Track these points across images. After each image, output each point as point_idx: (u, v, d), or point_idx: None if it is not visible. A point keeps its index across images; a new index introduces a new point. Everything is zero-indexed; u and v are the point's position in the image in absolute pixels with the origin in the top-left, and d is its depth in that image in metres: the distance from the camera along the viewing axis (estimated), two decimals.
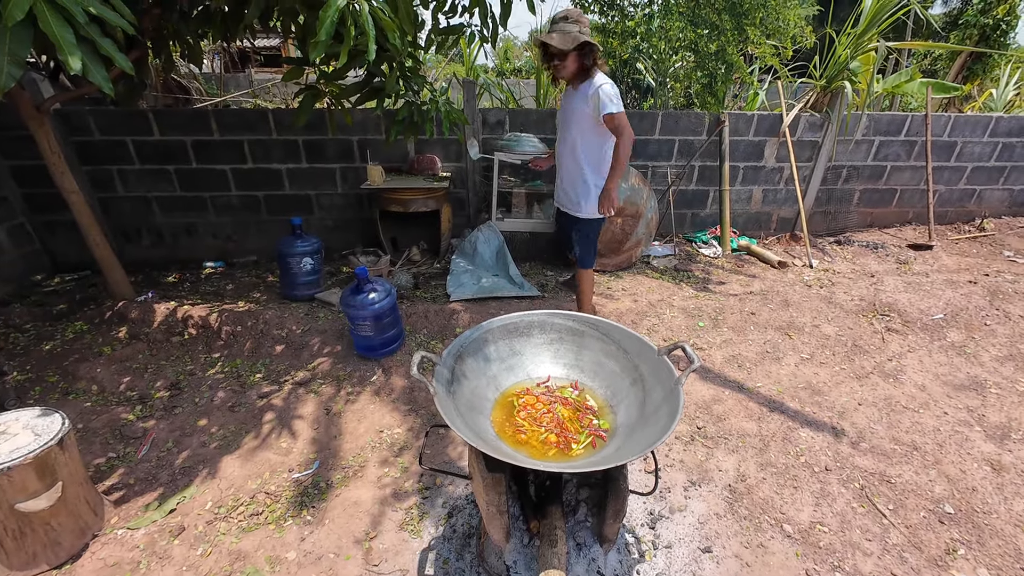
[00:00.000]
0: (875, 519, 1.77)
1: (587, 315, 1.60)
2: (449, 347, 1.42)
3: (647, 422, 1.25)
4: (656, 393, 1.31)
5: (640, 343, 1.45)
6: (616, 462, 1.02)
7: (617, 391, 1.45)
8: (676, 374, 1.29)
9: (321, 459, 2.06)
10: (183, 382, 2.53)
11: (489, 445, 1.07)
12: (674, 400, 1.21)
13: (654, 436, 1.13)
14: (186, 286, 3.62)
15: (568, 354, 1.59)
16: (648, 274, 3.84)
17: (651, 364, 1.39)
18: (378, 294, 2.47)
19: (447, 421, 1.11)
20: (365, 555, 1.65)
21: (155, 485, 1.95)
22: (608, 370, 1.51)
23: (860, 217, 5.02)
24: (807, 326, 3.07)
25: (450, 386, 1.32)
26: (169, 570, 1.62)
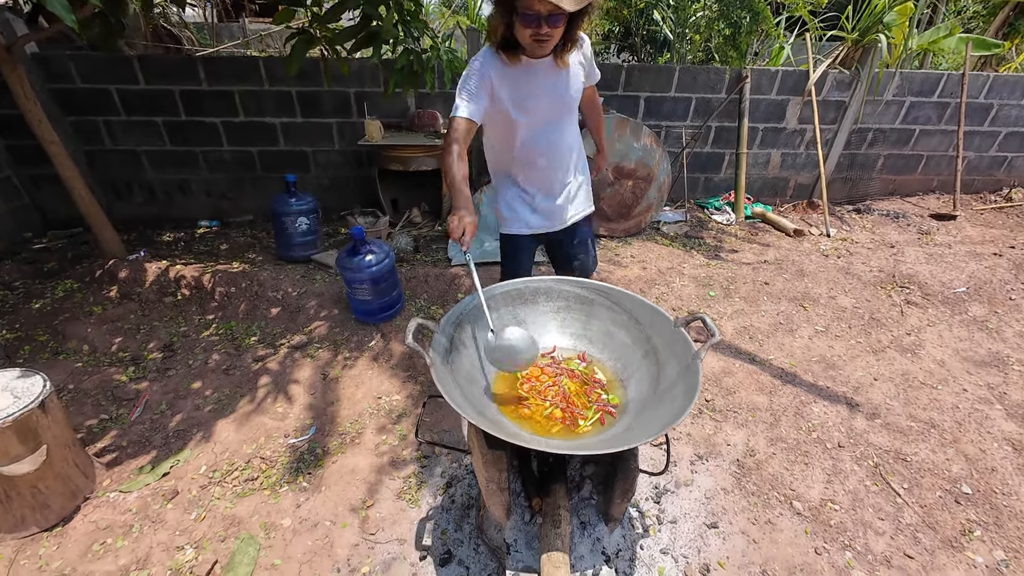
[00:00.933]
0: (889, 498, 1.71)
1: (597, 282, 1.48)
2: (448, 314, 1.32)
3: (661, 399, 1.15)
4: (671, 368, 1.21)
5: (654, 313, 1.34)
6: (627, 444, 0.93)
7: (628, 364, 1.35)
8: (694, 348, 1.19)
9: (318, 425, 2.01)
10: (176, 343, 2.46)
11: (490, 422, 0.98)
12: (691, 377, 1.11)
13: (669, 416, 1.04)
14: (180, 245, 3.51)
15: (575, 323, 1.49)
16: (658, 241, 3.69)
17: (666, 336, 1.29)
18: (375, 256, 2.35)
19: (444, 394, 1.02)
20: (362, 523, 1.62)
21: (148, 448, 1.90)
22: (618, 341, 1.40)
23: (882, 184, 4.79)
24: (823, 297, 2.95)
25: (448, 356, 1.22)
26: (162, 534, 1.58)
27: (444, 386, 1.05)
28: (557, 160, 1.66)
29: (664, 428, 0.96)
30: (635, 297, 1.40)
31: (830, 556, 1.53)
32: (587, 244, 1.88)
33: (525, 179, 1.68)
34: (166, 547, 1.55)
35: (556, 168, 1.67)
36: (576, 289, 1.49)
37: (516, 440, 0.91)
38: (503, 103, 1.48)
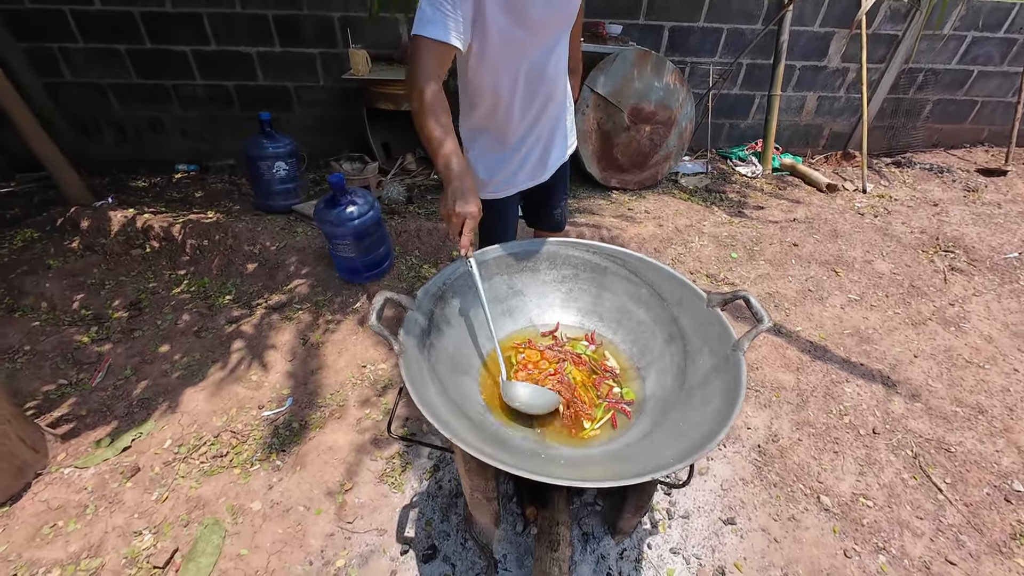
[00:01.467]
0: (929, 494, 1.53)
1: (612, 247, 1.21)
2: (427, 285, 1.07)
3: (690, 399, 0.92)
4: (703, 359, 0.97)
5: (682, 287, 1.09)
6: (646, 472, 0.70)
7: (647, 349, 1.11)
8: (734, 336, 0.94)
9: (295, 396, 1.83)
10: (144, 301, 2.25)
11: (471, 441, 0.75)
12: (730, 373, 0.87)
13: (703, 424, 0.81)
14: (156, 192, 3.22)
15: (584, 296, 1.23)
16: (675, 195, 3.35)
17: (697, 317, 1.04)
18: (358, 207, 2.07)
19: (415, 399, 0.79)
20: (338, 510, 1.46)
21: (109, 418, 1.74)
22: (635, 320, 1.16)
23: (926, 134, 4.33)
24: (857, 261, 2.66)
25: (425, 339, 0.99)
26: (119, 516, 1.44)
27: (416, 386, 0.82)
28: (554, 91, 1.26)
29: (699, 450, 0.73)
30: (658, 266, 1.14)
31: (861, 560, 1.36)
32: (567, 185, 1.60)
33: (517, 127, 1.25)
34: (122, 532, 1.40)
35: (554, 104, 1.28)
36: (586, 254, 1.22)
37: (503, 465, 0.68)
38: (495, 14, 1.03)
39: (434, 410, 0.79)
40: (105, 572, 1.31)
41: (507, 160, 1.32)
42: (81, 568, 1.31)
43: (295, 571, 1.32)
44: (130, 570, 1.31)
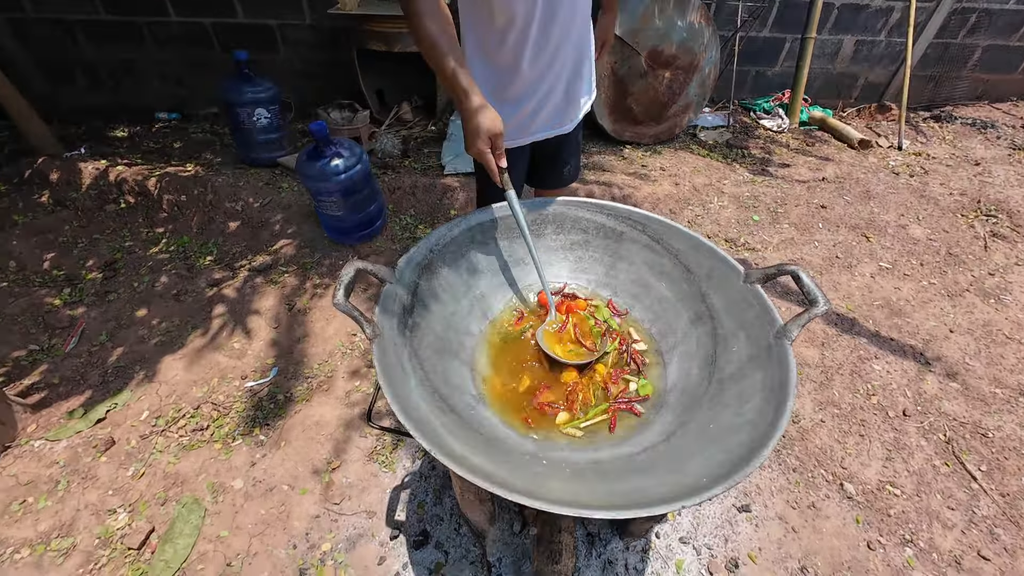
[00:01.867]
0: (962, 482, 1.41)
1: (631, 208, 1.03)
2: (411, 252, 0.90)
3: (720, 393, 0.77)
4: (738, 346, 0.81)
5: (715, 259, 0.91)
6: (674, 492, 0.56)
7: (668, 330, 0.96)
8: (778, 320, 0.78)
9: (280, 366, 1.71)
10: (120, 262, 2.10)
11: (455, 450, 0.61)
12: (775, 365, 0.72)
13: (741, 433, 0.66)
14: (132, 142, 2.99)
15: (596, 266, 1.07)
16: (694, 150, 3.09)
17: (731, 295, 0.87)
18: (344, 161, 1.87)
19: (387, 395, 0.64)
20: (324, 490, 1.36)
21: (83, 387, 1.63)
22: (656, 296, 0.99)
23: (970, 85, 3.96)
24: (890, 226, 2.45)
25: (407, 317, 0.83)
26: (92, 493, 1.35)
27: (392, 379, 0.67)
28: (578, 18, 1.05)
29: (738, 467, 0.58)
30: (685, 232, 0.96)
31: (886, 552, 1.26)
32: (580, 141, 1.41)
33: (532, 63, 1.05)
34: (96, 510, 1.32)
35: (577, 34, 1.08)
36: (599, 217, 1.04)
37: (496, 490, 0.54)
38: None
39: (412, 410, 0.65)
40: (76, 553, 1.23)
41: (521, 102, 1.11)
42: (52, 548, 1.24)
43: (278, 555, 1.24)
44: (103, 551, 1.23)
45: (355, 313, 0.71)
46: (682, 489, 0.58)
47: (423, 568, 1.20)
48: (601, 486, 0.64)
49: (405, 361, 0.75)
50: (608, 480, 0.67)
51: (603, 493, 0.60)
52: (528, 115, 1.15)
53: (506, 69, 1.05)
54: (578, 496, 0.58)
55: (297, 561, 1.22)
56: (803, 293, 0.76)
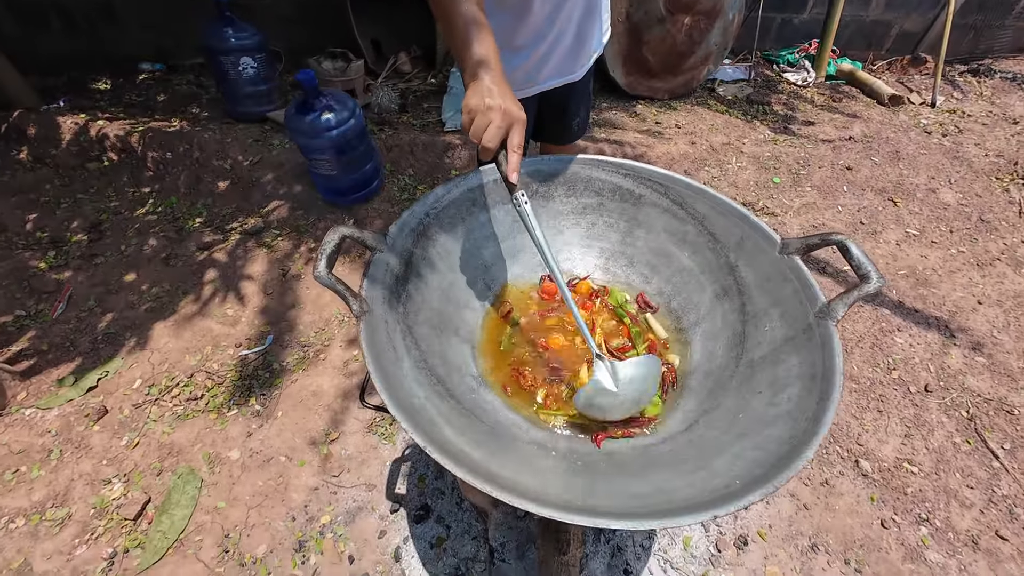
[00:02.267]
0: (983, 461, 1.36)
1: (652, 167, 0.91)
2: (404, 217, 0.80)
3: (750, 378, 0.69)
4: (772, 325, 0.72)
5: (747, 226, 0.81)
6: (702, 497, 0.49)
7: (690, 305, 0.87)
8: (821, 297, 0.68)
9: (275, 334, 1.64)
10: (105, 223, 2.01)
11: (453, 446, 0.53)
12: (817, 349, 0.63)
13: (777, 426, 0.59)
14: (113, 94, 2.82)
15: (610, 233, 0.96)
16: (711, 106, 2.89)
17: (764, 268, 0.77)
18: (336, 114, 1.73)
19: (376, 382, 0.56)
20: (323, 462, 1.33)
21: (72, 354, 1.58)
22: (677, 267, 0.90)
23: (1013, 36, 3.66)
24: (919, 189, 2.30)
25: (400, 289, 0.74)
26: (86, 463, 1.32)
27: (381, 363, 0.59)
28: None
29: (778, 469, 0.51)
30: (714, 195, 0.86)
31: (900, 531, 1.23)
32: (590, 91, 1.28)
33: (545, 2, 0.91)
34: (90, 480, 1.29)
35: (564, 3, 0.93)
36: (615, 177, 0.93)
37: (500, 494, 0.47)
38: None
39: (405, 397, 0.57)
40: (72, 523, 1.21)
41: (530, 47, 0.98)
42: (47, 518, 1.22)
43: (277, 526, 1.21)
44: (99, 521, 1.21)
45: (339, 287, 0.62)
46: (712, 492, 0.51)
47: (424, 542, 1.17)
48: (618, 484, 0.57)
49: (398, 341, 0.67)
50: (625, 475, 0.60)
51: (622, 495, 0.53)
52: (537, 62, 1.02)
53: (516, 11, 0.91)
54: (594, 499, 0.51)
55: (296, 533, 1.20)
56: (853, 267, 0.66)
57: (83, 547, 1.17)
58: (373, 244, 0.72)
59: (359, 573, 1.13)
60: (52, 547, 1.17)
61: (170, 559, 1.16)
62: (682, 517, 0.46)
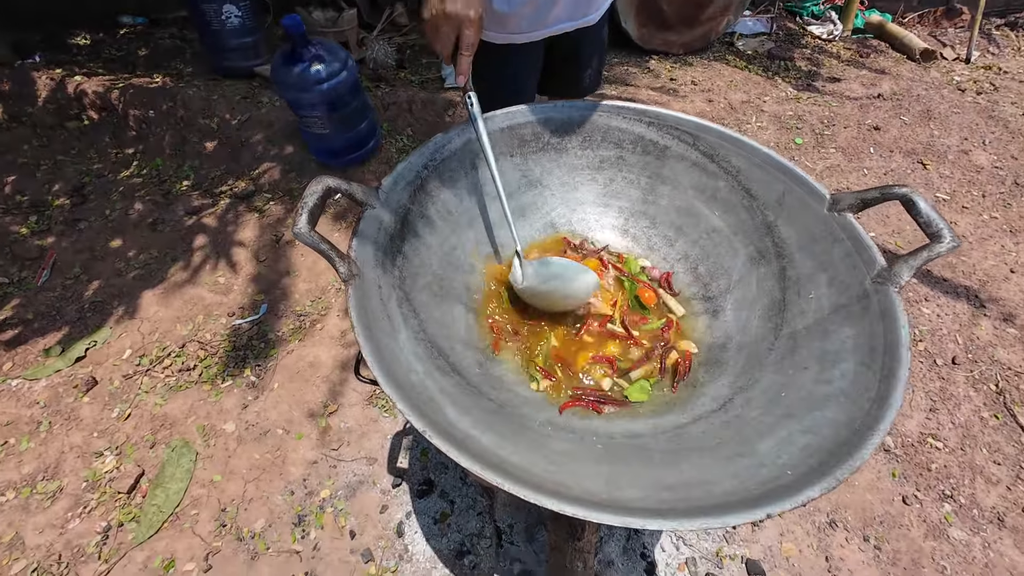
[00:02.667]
0: (1011, 436, 1.30)
1: (680, 115, 0.81)
2: (399, 169, 0.70)
3: (792, 354, 0.61)
4: (819, 293, 0.64)
5: (790, 180, 0.71)
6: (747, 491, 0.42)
7: (719, 270, 0.78)
8: (879, 260, 0.60)
9: (269, 302, 1.57)
10: (88, 186, 1.90)
11: (456, 429, 0.46)
12: (878, 318, 0.55)
13: (828, 407, 0.51)
14: (92, 49, 2.65)
15: (630, 190, 0.86)
16: (730, 61, 2.71)
17: (808, 227, 0.68)
18: (326, 66, 1.59)
19: (367, 356, 0.48)
20: (321, 435, 1.28)
21: (59, 323, 1.51)
22: (705, 228, 0.80)
23: None
24: (951, 151, 2.16)
25: (395, 249, 0.65)
26: (77, 435, 1.28)
27: (373, 334, 0.51)
28: None
29: (838, 459, 0.44)
30: (752, 146, 0.75)
31: (922, 508, 1.18)
32: (604, 39, 1.16)
33: None
34: (81, 452, 1.25)
35: None
36: (638, 127, 0.82)
37: (509, 487, 0.40)
38: None
39: (402, 373, 0.50)
40: (64, 496, 1.17)
41: None
42: (38, 491, 1.18)
43: (275, 500, 1.17)
44: (92, 494, 1.17)
45: (323, 246, 0.54)
46: (761, 484, 0.43)
47: (428, 517, 1.13)
48: (646, 472, 0.50)
49: (393, 308, 0.59)
50: (653, 462, 0.53)
51: (652, 485, 0.46)
52: (545, 2, 0.89)
53: None
54: (621, 491, 0.44)
55: (295, 508, 1.16)
56: (921, 224, 0.57)
57: (76, 520, 1.14)
58: (364, 199, 0.63)
59: (361, 548, 1.09)
60: (44, 520, 1.13)
61: (166, 533, 1.12)
62: (730, 515, 0.39)
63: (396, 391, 0.46)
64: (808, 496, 0.40)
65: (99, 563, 1.08)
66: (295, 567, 1.07)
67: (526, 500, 0.40)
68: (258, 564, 1.08)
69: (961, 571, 1.10)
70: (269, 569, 1.07)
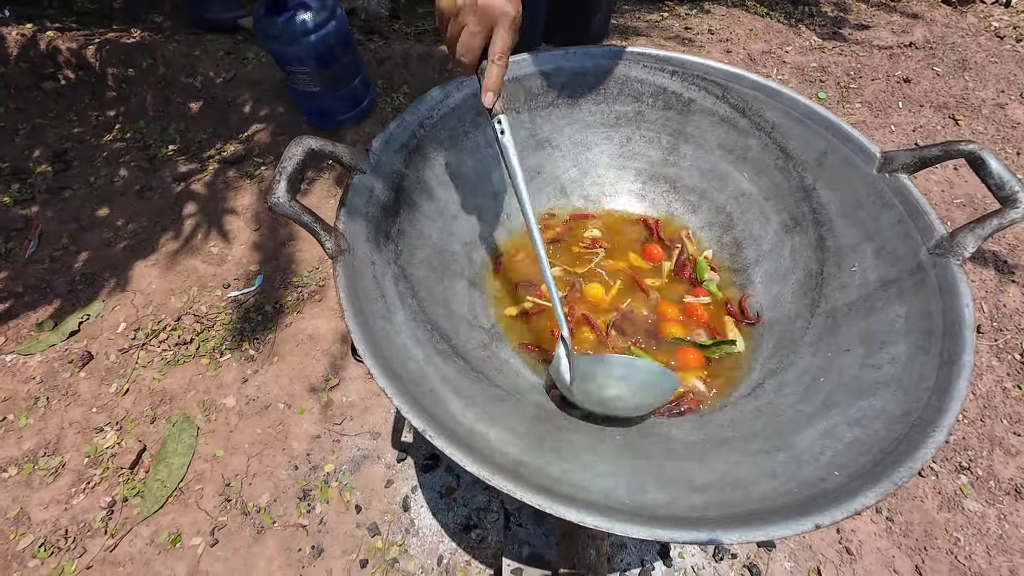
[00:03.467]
0: None
1: (707, 61, 0.71)
2: (391, 130, 0.62)
3: (832, 333, 0.55)
4: (864, 265, 0.57)
5: (832, 135, 0.63)
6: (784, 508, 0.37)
7: (749, 239, 0.71)
8: (938, 225, 0.52)
9: (265, 273, 1.51)
10: (71, 152, 1.81)
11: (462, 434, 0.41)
12: (936, 295, 0.49)
13: (877, 396, 0.46)
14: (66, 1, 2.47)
15: (650, 150, 0.78)
16: (750, 8, 2.51)
17: (853, 190, 0.60)
18: (313, 15, 1.46)
19: (356, 339, 0.43)
20: (324, 409, 1.25)
21: (50, 296, 1.46)
22: (732, 191, 0.73)
23: None
24: (986, 104, 2.02)
25: (390, 221, 0.59)
26: (76, 410, 1.25)
27: (364, 320, 0.45)
28: None
29: (896, 459, 0.38)
30: (789, 96, 0.67)
31: (938, 480, 1.15)
32: None
33: None
34: (81, 428, 1.23)
35: None
36: (659, 77, 0.73)
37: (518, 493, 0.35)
38: None
39: (398, 363, 0.44)
40: (67, 472, 1.16)
41: None
42: (40, 467, 1.17)
43: (279, 475, 1.16)
44: (94, 470, 1.16)
45: (306, 218, 0.47)
46: (804, 486, 0.38)
47: (434, 491, 1.12)
48: (672, 469, 0.45)
49: (388, 287, 0.53)
50: (677, 455, 0.48)
51: (680, 486, 0.42)
52: None
53: None
54: (645, 494, 0.39)
55: (299, 482, 1.14)
56: (991, 186, 0.50)
57: (80, 496, 1.13)
58: (352, 162, 0.55)
59: (367, 522, 1.08)
60: (48, 496, 1.13)
61: (171, 507, 1.12)
62: (773, 526, 0.34)
63: (392, 383, 0.41)
64: (863, 503, 0.35)
65: (106, 537, 1.08)
66: (302, 541, 1.07)
67: (541, 510, 0.35)
68: (264, 538, 1.07)
69: (975, 542, 1.08)
70: (276, 543, 1.07)
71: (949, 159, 0.54)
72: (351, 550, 1.05)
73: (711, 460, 0.45)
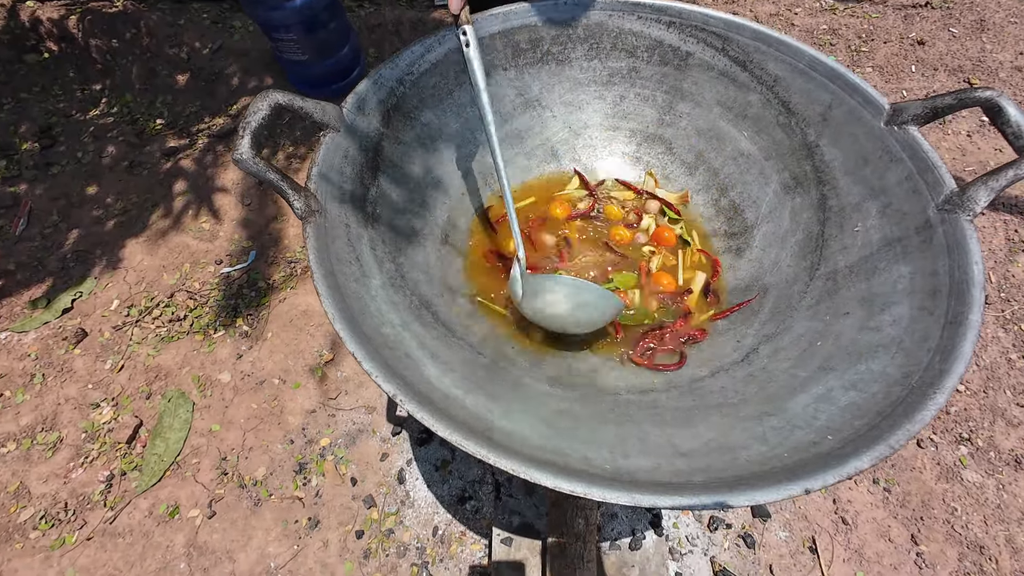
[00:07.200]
0: None
1: (706, 10, 0.67)
2: (365, 85, 0.59)
3: (831, 296, 0.52)
4: (868, 225, 0.54)
5: (838, 87, 0.59)
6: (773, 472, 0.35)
7: (747, 200, 0.68)
8: (947, 180, 0.49)
9: (257, 249, 1.49)
10: (57, 127, 1.77)
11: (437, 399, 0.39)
12: (943, 253, 0.46)
13: (875, 359, 0.43)
14: None
15: (644, 109, 0.74)
16: None
17: (858, 145, 0.57)
18: None
19: (327, 307, 0.41)
20: (319, 384, 1.24)
21: (42, 274, 1.45)
22: (731, 152, 0.69)
23: None
24: (1003, 68, 1.93)
25: (366, 181, 0.56)
26: (71, 387, 1.25)
27: (335, 284, 0.43)
28: None
29: (894, 427, 0.36)
30: (794, 46, 0.63)
31: (937, 451, 1.14)
32: None
33: None
34: (77, 404, 1.23)
35: None
36: (656, 29, 0.69)
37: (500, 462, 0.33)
38: None
39: (371, 328, 0.42)
40: (65, 447, 1.17)
41: None
42: (38, 442, 1.17)
43: (275, 449, 1.16)
44: (91, 445, 1.17)
45: (271, 175, 0.44)
46: (795, 450, 0.36)
47: (428, 464, 1.12)
48: (657, 434, 0.43)
49: (364, 251, 0.50)
50: (665, 422, 0.46)
51: (665, 452, 0.40)
52: None
53: None
54: (629, 460, 0.38)
55: (295, 456, 1.15)
56: (1008, 136, 0.46)
57: (79, 470, 1.14)
58: (323, 119, 0.52)
59: (363, 495, 1.09)
60: (47, 470, 1.14)
61: (168, 481, 1.12)
62: (759, 491, 0.32)
63: (361, 347, 0.39)
64: (856, 467, 0.33)
65: (105, 510, 1.09)
66: (298, 513, 1.08)
67: (514, 474, 0.33)
68: (261, 510, 1.08)
69: (972, 512, 1.08)
70: (272, 515, 1.07)
71: (964, 108, 0.50)
72: (347, 522, 1.06)
73: (699, 426, 0.44)
